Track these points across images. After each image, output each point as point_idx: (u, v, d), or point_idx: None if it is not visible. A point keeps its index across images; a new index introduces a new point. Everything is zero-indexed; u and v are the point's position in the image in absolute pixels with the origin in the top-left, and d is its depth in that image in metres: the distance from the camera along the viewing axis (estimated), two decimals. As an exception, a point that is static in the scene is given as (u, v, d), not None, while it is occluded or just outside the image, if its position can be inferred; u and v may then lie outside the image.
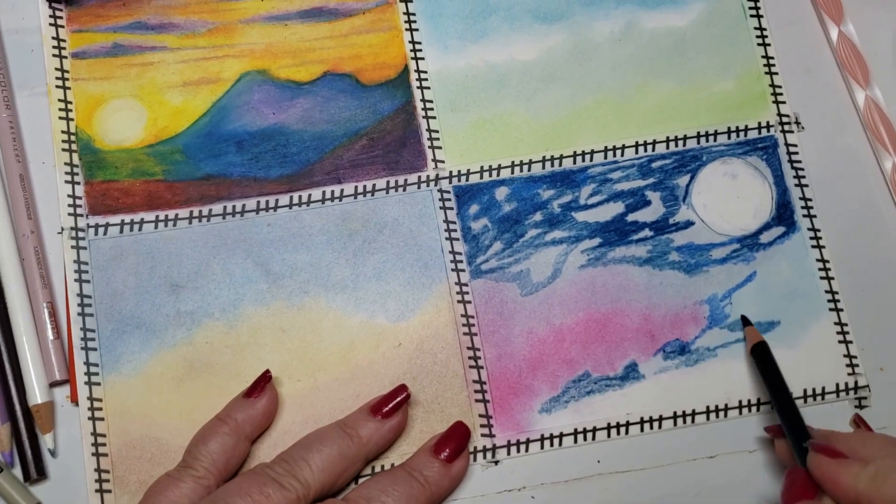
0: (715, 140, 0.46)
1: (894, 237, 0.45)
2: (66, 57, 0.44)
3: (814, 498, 0.35)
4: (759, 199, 0.45)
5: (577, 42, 0.46)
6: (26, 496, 0.39)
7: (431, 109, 0.45)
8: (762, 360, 0.41)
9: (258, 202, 0.43)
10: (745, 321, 0.43)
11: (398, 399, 0.40)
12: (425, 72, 0.46)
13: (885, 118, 0.46)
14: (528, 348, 0.42)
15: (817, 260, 0.44)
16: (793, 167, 0.46)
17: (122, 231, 0.43)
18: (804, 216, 0.45)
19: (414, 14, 0.46)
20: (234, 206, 0.43)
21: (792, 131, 0.46)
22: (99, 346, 0.41)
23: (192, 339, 0.42)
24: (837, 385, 0.43)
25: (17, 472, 0.40)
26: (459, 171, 0.44)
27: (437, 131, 0.45)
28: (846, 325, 0.44)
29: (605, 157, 0.45)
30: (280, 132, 0.44)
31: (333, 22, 0.46)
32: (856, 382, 0.43)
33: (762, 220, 0.45)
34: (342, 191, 0.44)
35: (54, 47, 0.44)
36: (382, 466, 0.40)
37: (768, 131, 0.46)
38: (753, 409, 0.42)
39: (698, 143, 0.46)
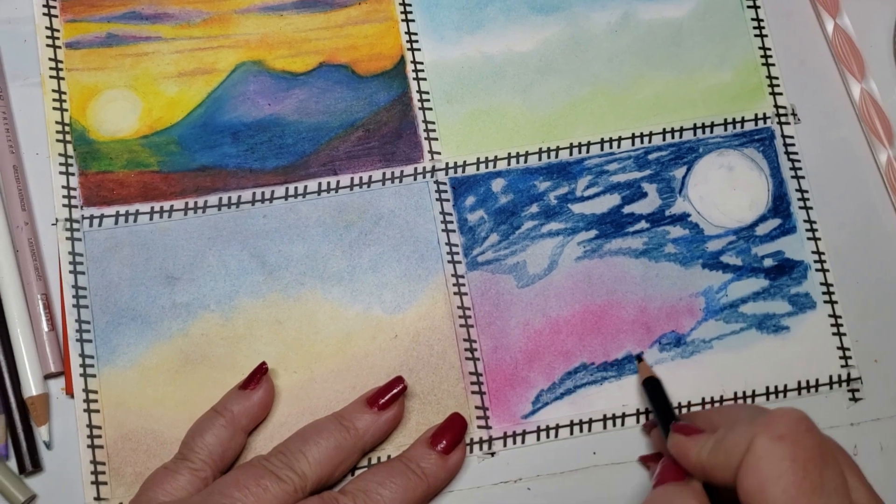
0: (711, 132, 0.46)
1: (889, 230, 0.45)
2: (59, 47, 0.44)
3: (683, 480, 0.34)
4: (756, 191, 0.45)
5: (574, 33, 0.46)
6: (21, 488, 0.39)
7: (427, 101, 0.45)
8: (653, 392, 0.40)
9: (254, 193, 0.43)
10: (639, 358, 0.42)
11: (395, 391, 0.40)
12: (421, 63, 0.45)
13: (881, 111, 0.46)
14: (524, 340, 0.42)
15: (812, 252, 0.44)
16: (789, 159, 0.46)
17: (116, 222, 0.42)
18: (800, 208, 0.45)
19: (410, 4, 0.46)
20: (229, 198, 0.43)
21: (788, 123, 0.46)
22: (94, 338, 0.41)
23: (188, 331, 0.41)
24: (831, 377, 0.43)
25: (13, 464, 0.40)
26: (455, 163, 0.44)
27: (433, 123, 0.45)
28: (840, 317, 0.44)
29: (602, 149, 0.45)
30: (276, 123, 0.44)
31: (329, 12, 0.46)
32: (849, 374, 0.43)
33: (758, 212, 0.45)
34: (338, 182, 0.44)
35: (48, 37, 0.44)
36: (379, 458, 0.40)
37: (765, 123, 0.46)
38: (749, 400, 0.42)
39: (695, 134, 0.46)
